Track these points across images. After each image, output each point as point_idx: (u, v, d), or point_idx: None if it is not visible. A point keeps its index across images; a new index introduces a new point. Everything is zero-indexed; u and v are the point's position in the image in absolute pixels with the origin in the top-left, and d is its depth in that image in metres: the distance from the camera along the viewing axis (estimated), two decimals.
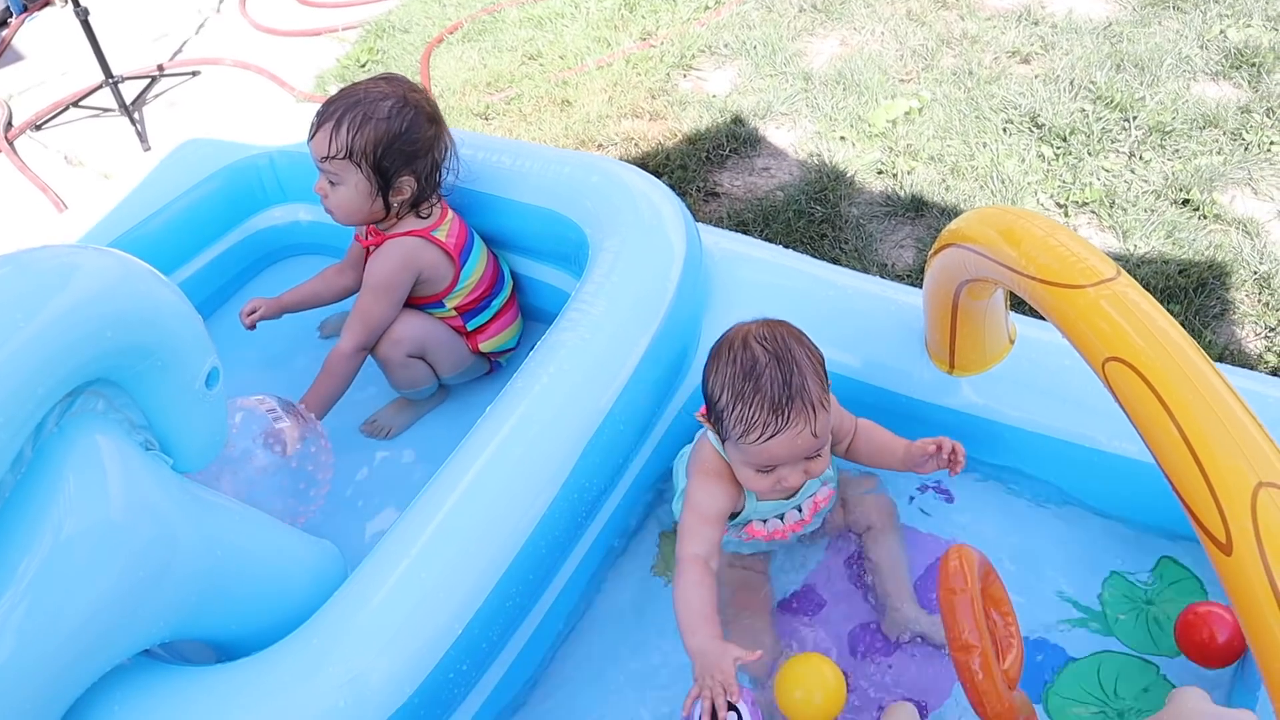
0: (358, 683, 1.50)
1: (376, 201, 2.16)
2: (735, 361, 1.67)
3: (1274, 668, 1.07)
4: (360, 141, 2.08)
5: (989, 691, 1.27)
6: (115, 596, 1.38)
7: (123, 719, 1.46)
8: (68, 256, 1.37)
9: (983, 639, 1.26)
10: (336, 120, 2.09)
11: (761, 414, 1.62)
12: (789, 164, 3.38)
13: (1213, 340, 2.57)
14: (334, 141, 2.09)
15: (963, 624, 1.26)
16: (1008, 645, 1.40)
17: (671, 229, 2.07)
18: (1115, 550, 1.93)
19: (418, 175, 2.15)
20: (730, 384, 1.66)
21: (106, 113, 4.20)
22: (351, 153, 2.09)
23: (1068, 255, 1.38)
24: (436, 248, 2.21)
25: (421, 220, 2.21)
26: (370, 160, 2.10)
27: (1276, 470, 1.12)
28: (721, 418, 1.68)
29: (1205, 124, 3.22)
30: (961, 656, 1.27)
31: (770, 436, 1.62)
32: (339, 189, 2.14)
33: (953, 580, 1.28)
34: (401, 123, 2.10)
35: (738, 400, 1.64)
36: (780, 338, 1.68)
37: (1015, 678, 1.37)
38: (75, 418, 1.39)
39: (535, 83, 3.95)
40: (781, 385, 1.62)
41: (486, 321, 2.34)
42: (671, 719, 1.78)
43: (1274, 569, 1.07)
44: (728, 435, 1.69)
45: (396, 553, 1.63)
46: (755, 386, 1.63)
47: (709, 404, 1.73)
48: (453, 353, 2.32)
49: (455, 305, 2.28)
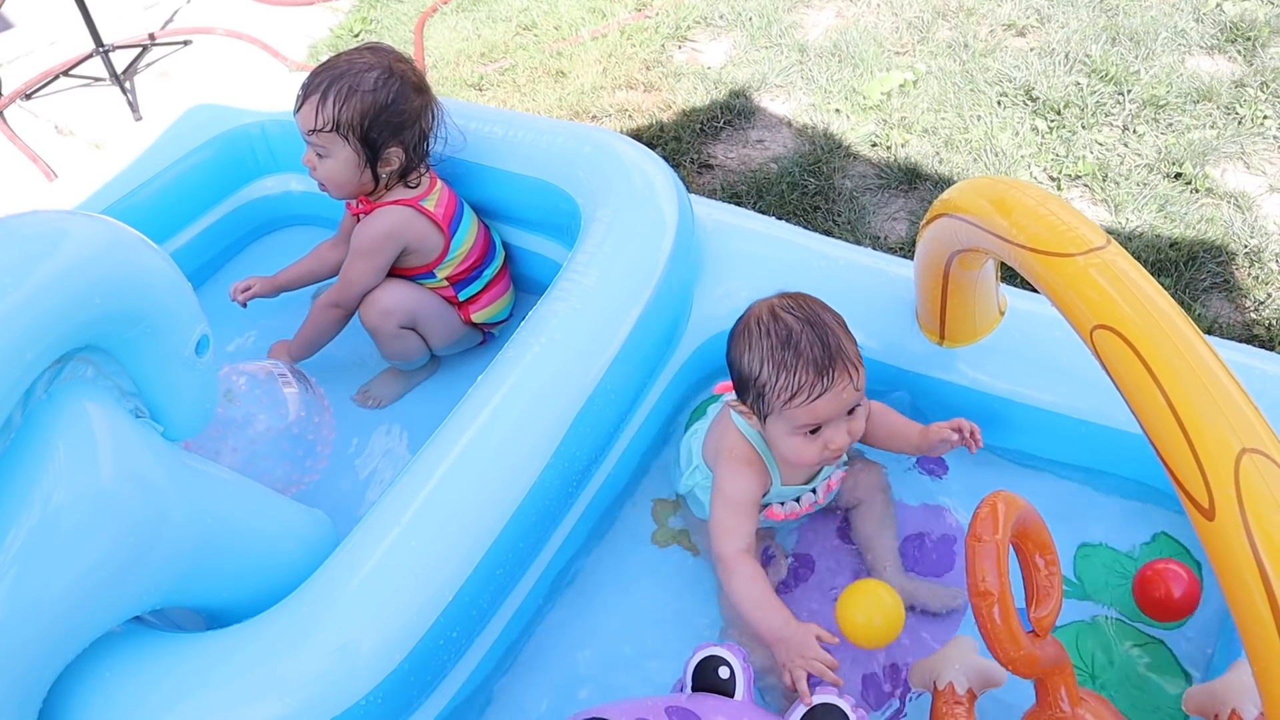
0: (348, 649, 1.51)
1: (365, 173, 2.15)
2: (770, 334, 1.68)
3: (1253, 630, 1.08)
4: (347, 114, 2.07)
5: (1003, 638, 1.29)
6: (105, 564, 1.38)
7: (113, 685, 1.47)
8: (56, 222, 1.37)
9: (1002, 587, 1.28)
10: (322, 93, 2.07)
11: (808, 377, 1.64)
12: (783, 136, 3.37)
13: (1202, 313, 2.58)
14: (320, 114, 2.08)
15: (983, 571, 1.28)
16: (1046, 593, 1.41)
17: (664, 200, 2.07)
18: (1104, 523, 1.94)
19: (405, 146, 2.14)
20: (770, 356, 1.67)
21: (97, 82, 4.17)
22: (339, 125, 2.08)
23: (1058, 224, 1.38)
24: (425, 218, 2.20)
25: (410, 190, 2.21)
26: (358, 133, 2.09)
27: (1260, 436, 1.12)
28: (763, 392, 1.68)
29: (1199, 98, 3.21)
30: (978, 602, 1.29)
31: (818, 396, 1.65)
32: (327, 161, 2.14)
33: (980, 527, 1.30)
34: (388, 94, 2.09)
35: (780, 370, 1.66)
36: (807, 305, 1.72)
37: (1048, 626, 1.38)
38: (64, 385, 1.39)
39: (529, 53, 3.93)
40: (821, 348, 1.65)
41: (478, 292, 2.33)
42: (663, 687, 1.79)
43: (1255, 533, 1.08)
44: (770, 408, 1.69)
45: (387, 521, 1.64)
46: (796, 353, 1.65)
47: (743, 383, 1.73)
48: (444, 323, 2.32)
49: (446, 276, 2.28)
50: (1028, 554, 1.40)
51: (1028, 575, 1.42)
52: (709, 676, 1.54)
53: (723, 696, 1.51)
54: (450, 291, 2.31)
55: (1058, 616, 1.39)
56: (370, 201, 2.22)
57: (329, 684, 1.49)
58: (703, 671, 1.55)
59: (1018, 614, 1.30)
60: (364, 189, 2.19)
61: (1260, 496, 1.09)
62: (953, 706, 1.53)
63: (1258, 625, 1.08)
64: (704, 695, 1.52)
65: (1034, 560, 1.40)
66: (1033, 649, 1.32)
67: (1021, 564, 1.42)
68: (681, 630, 1.89)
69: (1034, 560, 1.40)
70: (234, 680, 1.48)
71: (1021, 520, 1.34)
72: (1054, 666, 1.39)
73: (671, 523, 2.05)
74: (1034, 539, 1.39)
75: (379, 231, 2.19)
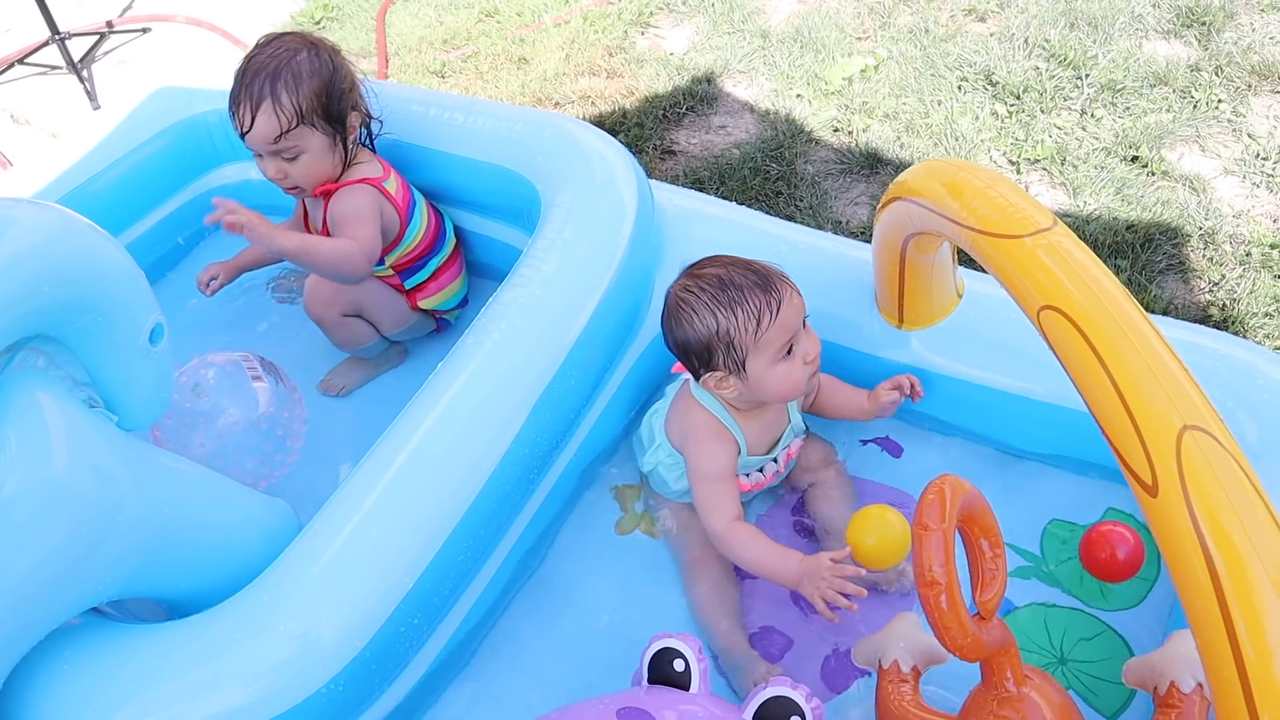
0: (308, 637, 1.51)
1: (337, 150, 2.13)
2: (703, 291, 1.73)
3: (1195, 603, 1.10)
4: (306, 101, 2.04)
5: (951, 626, 1.30)
6: (59, 555, 1.37)
7: (71, 677, 1.46)
8: (4, 210, 1.35)
9: (949, 576, 1.28)
10: (272, 95, 2.02)
11: (760, 297, 1.70)
12: (746, 122, 3.38)
13: (1158, 295, 2.61)
14: (281, 116, 2.03)
15: (930, 560, 1.28)
16: (991, 576, 1.41)
17: (624, 185, 2.07)
18: (1058, 499, 1.97)
19: (358, 107, 2.14)
20: (717, 306, 1.72)
21: (54, 70, 4.11)
22: (303, 115, 2.05)
23: (1006, 206, 1.39)
24: (388, 201, 2.19)
25: (369, 170, 2.18)
26: (321, 113, 2.07)
27: (1201, 414, 1.14)
28: (731, 339, 1.72)
29: (1155, 82, 3.24)
30: (925, 592, 1.29)
31: (778, 308, 1.71)
32: (301, 159, 2.09)
33: (926, 515, 1.29)
34: (326, 65, 2.08)
35: (734, 308, 1.70)
36: (713, 259, 1.79)
37: (993, 609, 1.39)
38: (15, 374, 1.38)
39: (492, 40, 3.91)
40: (751, 273, 1.73)
41: (424, 281, 2.33)
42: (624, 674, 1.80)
43: (1197, 508, 1.10)
44: (744, 349, 1.72)
45: (347, 509, 1.64)
46: (736, 287, 1.71)
47: (705, 349, 1.75)
48: (391, 310, 2.31)
49: (393, 264, 2.27)
50: (973, 538, 1.41)
51: (973, 559, 1.42)
52: (664, 669, 1.54)
53: (678, 690, 1.52)
54: (396, 280, 2.30)
55: (1002, 598, 1.40)
56: (334, 183, 2.18)
57: (290, 672, 1.50)
58: (658, 664, 1.55)
59: (964, 601, 1.30)
60: (337, 169, 2.16)
61: (1201, 472, 1.12)
62: (898, 685, 1.54)
63: (1200, 599, 1.11)
64: (659, 689, 1.52)
65: (979, 544, 1.41)
66: (979, 633, 1.33)
67: (967, 548, 1.41)
68: (643, 616, 1.90)
69: (979, 544, 1.41)
70: (193, 670, 1.48)
71: (967, 504, 1.34)
72: (999, 648, 1.40)
73: (635, 507, 2.06)
74: (979, 522, 1.39)
75: (362, 201, 2.15)
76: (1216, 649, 1.10)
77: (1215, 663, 1.11)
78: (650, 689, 1.54)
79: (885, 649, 1.57)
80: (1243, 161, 2.97)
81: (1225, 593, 1.08)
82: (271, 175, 2.12)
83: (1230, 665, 1.08)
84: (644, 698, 1.49)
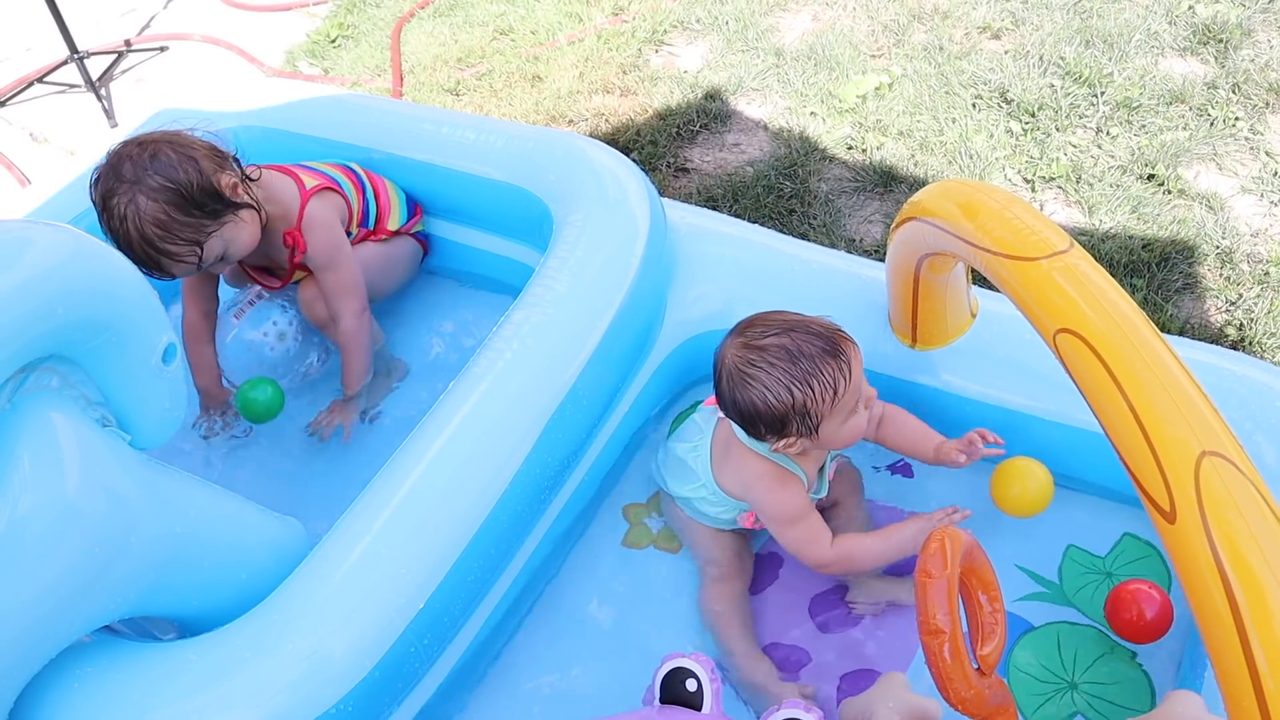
0: (318, 656, 1.51)
1: (246, 213, 2.05)
2: (773, 363, 1.66)
3: (1214, 631, 1.09)
4: (187, 230, 1.95)
5: (955, 678, 1.27)
6: (72, 575, 1.37)
7: (82, 695, 1.46)
8: (18, 231, 1.36)
9: (954, 625, 1.26)
10: (166, 257, 1.96)
11: (832, 366, 1.66)
12: (759, 140, 3.38)
13: (1174, 314, 2.59)
14: (185, 263, 1.98)
15: (934, 609, 1.25)
16: (990, 631, 1.39)
17: (636, 204, 2.07)
18: (1075, 523, 1.95)
19: (217, 171, 2.01)
20: (788, 384, 1.66)
21: (72, 89, 4.15)
22: (200, 240, 1.97)
23: (1022, 228, 1.39)
24: (326, 191, 2.21)
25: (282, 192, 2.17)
26: (210, 216, 1.98)
27: (1219, 439, 1.13)
28: (808, 410, 1.67)
29: (1172, 100, 3.23)
30: (929, 641, 1.26)
31: (849, 373, 1.68)
32: (230, 250, 2.04)
33: (929, 564, 1.27)
34: (167, 184, 1.93)
35: (809, 380, 1.65)
36: (766, 321, 1.72)
37: (993, 664, 1.36)
38: (29, 394, 1.38)
39: (506, 58, 3.93)
40: (815, 337, 1.68)
41: (377, 209, 2.34)
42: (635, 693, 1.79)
43: (1215, 536, 1.09)
44: (821, 417, 1.68)
45: (359, 528, 1.63)
46: (807, 358, 1.66)
47: (779, 420, 1.69)
48: (378, 262, 2.34)
49: (355, 224, 2.30)
50: (972, 591, 1.38)
51: (972, 613, 1.40)
52: (676, 689, 1.52)
53: (691, 710, 1.50)
54: (363, 232, 2.32)
55: (1001, 654, 1.38)
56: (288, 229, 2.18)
57: (299, 692, 1.49)
58: (670, 684, 1.54)
59: (968, 652, 1.28)
60: (258, 221, 2.09)
61: (1220, 499, 1.11)
62: None
63: (1219, 627, 1.10)
64: (671, 710, 1.51)
65: (978, 597, 1.39)
66: (982, 688, 1.31)
67: (965, 601, 1.39)
68: (654, 635, 1.89)
69: (978, 597, 1.39)
70: (204, 689, 1.47)
71: (967, 556, 1.32)
72: (998, 706, 1.37)
73: (647, 522, 2.05)
74: (979, 575, 1.37)
75: (323, 236, 2.17)
76: (1235, 678, 1.09)
77: (1234, 691, 1.10)
78: (662, 709, 1.52)
79: (874, 709, 1.52)
80: (1260, 180, 2.95)
81: (1244, 621, 1.07)
82: (223, 274, 2.22)
83: (1250, 695, 1.07)
84: (656, 718, 1.48)
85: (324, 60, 4.19)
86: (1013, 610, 1.85)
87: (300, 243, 2.18)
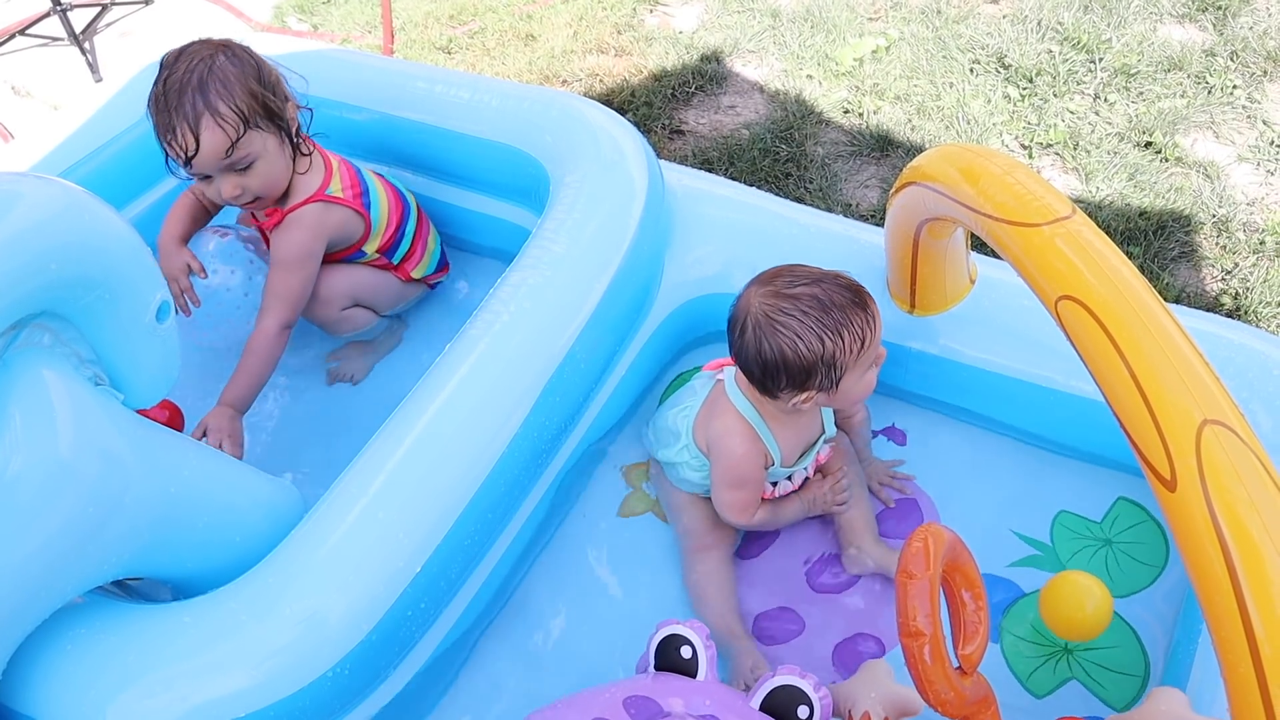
0: (315, 619, 1.50)
1: (286, 148, 2.03)
2: (805, 315, 1.66)
3: (1214, 600, 1.09)
4: (244, 104, 1.91)
5: (935, 680, 1.26)
6: (64, 535, 1.36)
7: (76, 657, 1.45)
8: (9, 185, 1.33)
9: (935, 626, 1.24)
10: (210, 109, 1.89)
11: (860, 317, 1.67)
12: (755, 102, 3.35)
13: (1170, 282, 2.59)
14: (226, 126, 1.89)
15: (914, 610, 1.24)
16: (974, 630, 1.37)
17: (633, 165, 2.05)
18: (1069, 489, 1.96)
19: (290, 98, 2.02)
20: (820, 332, 1.65)
21: (55, 41, 4.07)
22: (247, 119, 1.91)
23: (1024, 193, 1.37)
24: (339, 206, 2.13)
25: (310, 177, 2.10)
26: (262, 111, 1.94)
27: (1221, 408, 1.13)
28: (834, 360, 1.67)
29: (1170, 67, 3.21)
30: (909, 643, 1.24)
31: (875, 325, 1.70)
32: (256, 166, 1.97)
33: (911, 564, 1.24)
34: (247, 63, 1.94)
35: (839, 332, 1.66)
36: (792, 272, 1.72)
37: (975, 663, 1.35)
38: (20, 351, 1.36)
39: (499, 16, 3.87)
40: (843, 289, 1.68)
41: (408, 250, 2.30)
42: (630, 659, 1.80)
43: (1216, 504, 1.09)
44: (845, 368, 1.69)
45: (355, 491, 1.62)
46: (839, 309, 1.66)
47: (805, 370, 1.67)
48: (387, 290, 2.30)
49: (375, 249, 2.24)
50: (955, 589, 1.37)
51: (955, 611, 1.38)
52: (671, 656, 1.53)
53: (685, 677, 1.51)
54: (383, 260, 2.28)
55: (984, 653, 1.37)
56: (280, 209, 2.11)
57: (296, 655, 1.48)
58: (665, 650, 1.54)
59: (949, 654, 1.27)
60: (289, 171, 2.06)
61: (1221, 467, 1.10)
62: None
63: (1218, 595, 1.10)
64: (666, 676, 1.51)
65: (961, 595, 1.37)
66: (963, 689, 1.30)
67: (949, 599, 1.37)
68: (649, 602, 1.90)
69: (961, 595, 1.37)
70: (199, 651, 1.47)
71: (950, 553, 1.30)
72: (980, 702, 1.37)
73: (645, 488, 2.05)
74: (963, 573, 1.34)
75: (304, 236, 2.08)
76: (1233, 645, 1.09)
77: (1231, 659, 1.10)
78: (657, 676, 1.53)
79: (856, 699, 1.48)
80: (1257, 148, 2.94)
81: (1243, 589, 1.07)
82: (228, 195, 1.99)
83: (1247, 662, 1.07)
84: (650, 685, 1.49)
85: (313, 16, 4.12)
86: (1006, 576, 1.86)
87: (279, 220, 2.11)
